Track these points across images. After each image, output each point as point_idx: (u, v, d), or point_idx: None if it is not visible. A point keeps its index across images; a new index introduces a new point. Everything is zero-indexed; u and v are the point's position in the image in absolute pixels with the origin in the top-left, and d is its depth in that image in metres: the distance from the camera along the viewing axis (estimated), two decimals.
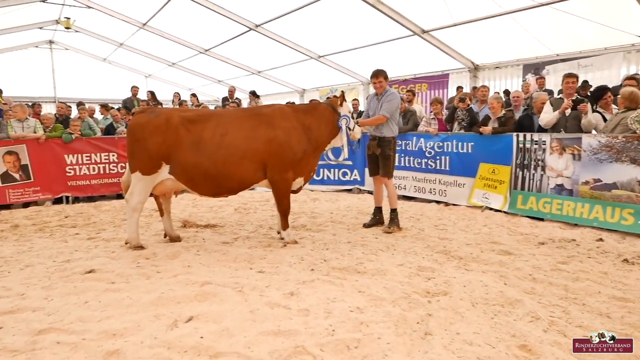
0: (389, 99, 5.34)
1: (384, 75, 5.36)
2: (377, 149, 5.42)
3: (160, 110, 4.68)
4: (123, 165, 7.98)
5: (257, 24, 12.75)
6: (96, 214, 6.66)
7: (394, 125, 5.45)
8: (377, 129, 5.42)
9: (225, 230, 5.53)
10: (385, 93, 5.39)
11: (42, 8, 14.41)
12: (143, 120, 4.45)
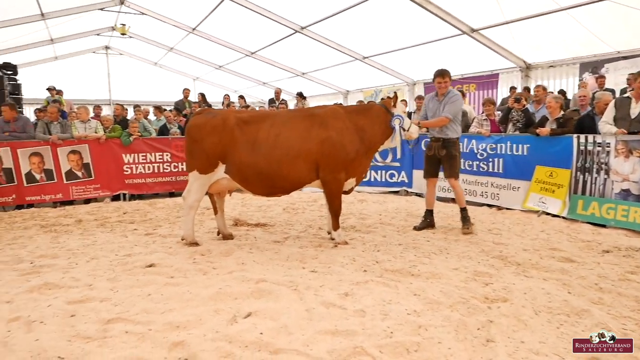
0: (452, 100, 5.24)
1: (450, 76, 5.26)
2: (442, 150, 5.33)
3: (217, 112, 4.81)
4: (176, 164, 8.29)
5: (302, 26, 12.87)
6: (152, 211, 6.94)
7: (457, 126, 5.35)
8: (442, 130, 5.32)
9: (275, 230, 5.61)
10: (447, 94, 5.28)
11: (99, 16, 15.22)
12: (201, 121, 4.60)
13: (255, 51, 15.94)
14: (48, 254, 4.52)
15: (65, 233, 5.53)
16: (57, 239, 5.23)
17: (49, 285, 3.60)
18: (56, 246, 4.88)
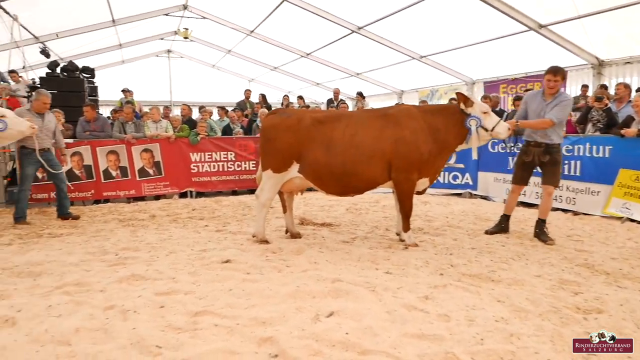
0: (563, 104, 4.76)
1: (563, 75, 4.78)
2: (545, 156, 4.87)
3: (291, 111, 4.88)
4: (239, 163, 8.50)
5: (359, 26, 12.83)
6: (218, 208, 7.15)
7: (561, 131, 4.93)
8: (546, 134, 4.85)
9: (341, 230, 5.60)
10: (558, 95, 4.82)
11: (163, 21, 15.96)
12: (276, 120, 4.67)
13: (310, 52, 16.08)
14: (130, 247, 4.76)
15: (142, 227, 5.81)
16: (135, 232, 5.50)
17: (135, 276, 3.78)
18: (136, 239, 5.13)
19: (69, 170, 7.40)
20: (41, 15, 12.11)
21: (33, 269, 4.01)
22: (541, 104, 4.90)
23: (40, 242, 5.03)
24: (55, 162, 6.24)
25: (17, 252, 4.60)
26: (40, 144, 6.02)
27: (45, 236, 5.34)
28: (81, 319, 2.93)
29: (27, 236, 5.32)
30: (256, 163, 8.64)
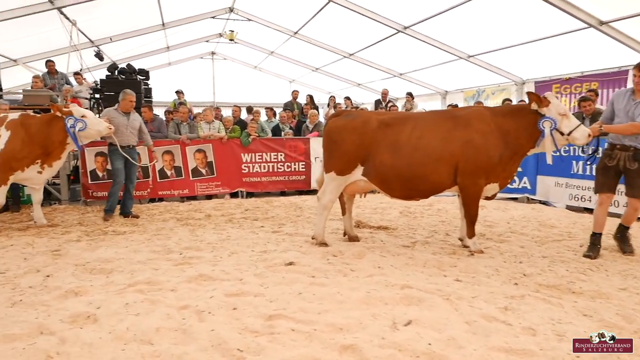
0: None
1: None
2: (633, 162, 4.39)
3: (357, 113, 4.81)
4: (289, 164, 8.52)
5: (406, 25, 12.63)
6: (271, 209, 7.18)
7: None
8: (636, 137, 4.38)
9: (399, 234, 5.47)
10: None
11: (209, 24, 16.30)
12: (341, 122, 4.62)
13: (353, 53, 16.00)
14: (192, 247, 4.83)
15: (200, 227, 5.89)
16: (194, 232, 5.58)
17: (203, 276, 3.81)
18: (196, 239, 5.20)
19: None
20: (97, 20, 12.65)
21: (104, 266, 4.12)
22: (629, 103, 4.40)
23: (106, 239, 5.19)
24: (136, 160, 6.54)
25: (87, 249, 4.76)
26: (126, 140, 6.29)
27: (110, 233, 5.51)
28: (159, 318, 2.96)
29: (93, 233, 5.51)
30: (306, 164, 8.65)
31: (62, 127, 5.52)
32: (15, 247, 4.85)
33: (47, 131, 5.52)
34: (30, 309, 3.16)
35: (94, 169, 7.56)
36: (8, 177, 5.46)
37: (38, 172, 5.64)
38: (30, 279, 3.79)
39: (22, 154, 5.45)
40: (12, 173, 5.47)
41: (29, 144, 5.46)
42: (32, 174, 5.61)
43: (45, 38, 12.56)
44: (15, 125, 5.49)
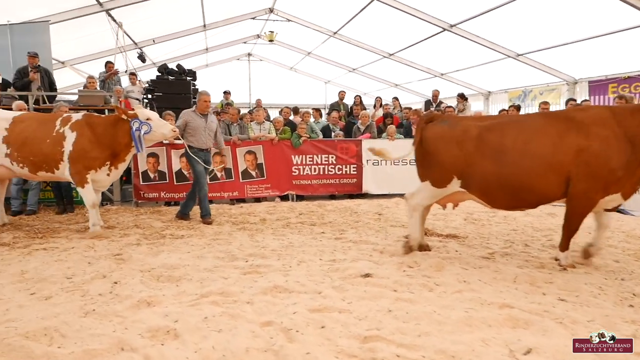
0: None
1: None
2: None
3: (454, 120, 4.47)
4: (340, 167, 8.23)
5: (452, 24, 12.19)
6: (325, 214, 6.90)
7: None
8: None
9: (472, 243, 5.08)
10: None
11: (247, 26, 16.28)
12: (439, 131, 4.29)
13: (393, 52, 15.65)
14: (256, 253, 4.59)
15: (257, 232, 5.66)
16: (253, 237, 5.35)
17: (278, 288, 3.55)
18: (257, 245, 4.96)
19: (177, 170, 7.55)
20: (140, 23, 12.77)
21: (171, 273, 3.92)
22: None
23: (166, 244, 5.02)
24: (209, 163, 6.39)
25: (149, 254, 4.59)
26: (203, 143, 6.17)
27: (168, 237, 5.34)
28: (245, 336, 2.71)
29: (152, 236, 5.36)
30: (357, 167, 8.33)
31: (127, 129, 5.39)
32: (76, 250, 4.73)
33: (113, 132, 5.41)
34: (104, 320, 2.97)
35: (146, 170, 7.47)
36: (86, 175, 5.35)
37: (107, 174, 5.53)
38: (98, 286, 3.63)
39: (94, 154, 5.34)
40: (88, 172, 5.36)
41: (97, 145, 5.36)
42: (103, 176, 5.51)
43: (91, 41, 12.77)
44: (80, 125, 5.39)
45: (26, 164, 5.38)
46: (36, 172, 5.43)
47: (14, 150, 5.35)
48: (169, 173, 7.55)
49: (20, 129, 5.38)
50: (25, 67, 7.67)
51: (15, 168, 5.42)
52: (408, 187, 8.24)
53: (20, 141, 5.33)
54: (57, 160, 5.34)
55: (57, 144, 5.31)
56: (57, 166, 5.37)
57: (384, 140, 8.41)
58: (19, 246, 4.87)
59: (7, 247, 4.87)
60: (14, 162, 5.39)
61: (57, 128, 5.38)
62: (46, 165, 5.37)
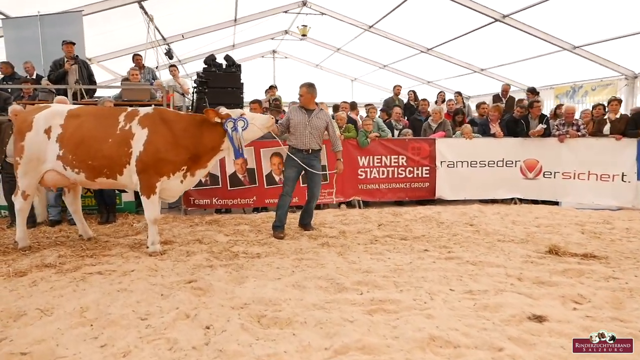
0: None
1: None
2: None
3: None
4: (411, 169, 7.24)
5: (505, 14, 11.22)
6: (407, 223, 5.90)
7: None
8: None
9: (622, 266, 4.07)
10: None
11: (275, 21, 15.49)
12: None
13: (432, 47, 14.74)
14: (365, 281, 3.62)
15: (344, 247, 4.68)
16: (345, 256, 4.39)
17: (435, 340, 2.58)
18: (357, 267, 3.99)
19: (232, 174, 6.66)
20: (170, 17, 12.07)
21: (276, 314, 2.98)
22: None
23: (245, 266, 4.08)
24: (317, 168, 5.40)
25: (231, 280, 3.66)
26: (303, 143, 5.25)
27: (241, 256, 4.41)
28: None
29: (222, 255, 4.42)
30: (430, 170, 7.32)
31: (217, 132, 4.50)
32: (138, 274, 3.83)
33: (197, 133, 4.50)
34: None
35: None
36: (156, 183, 4.44)
37: (180, 181, 4.61)
38: (186, 332, 2.71)
39: (169, 157, 4.42)
40: (160, 179, 4.44)
41: (173, 146, 4.43)
42: (175, 184, 4.58)
43: (119, 36, 12.11)
44: (152, 121, 4.46)
45: (83, 169, 4.41)
46: (95, 178, 4.49)
47: (69, 151, 4.38)
48: (222, 177, 6.63)
49: (76, 125, 4.41)
50: (62, 58, 6.82)
51: (69, 173, 4.46)
52: (487, 191, 7.49)
53: (77, 141, 4.37)
54: (122, 163, 4.40)
55: (122, 144, 4.37)
56: (120, 171, 4.43)
57: (459, 140, 7.43)
58: (68, 268, 3.99)
59: (54, 269, 3.98)
60: (67, 167, 4.43)
61: (121, 124, 4.44)
62: (108, 170, 4.43)
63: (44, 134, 4.41)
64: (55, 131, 4.43)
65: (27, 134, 4.41)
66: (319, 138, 5.36)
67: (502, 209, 6.87)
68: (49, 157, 4.43)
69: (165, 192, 4.58)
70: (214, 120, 4.48)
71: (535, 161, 7.32)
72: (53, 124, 4.44)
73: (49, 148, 4.41)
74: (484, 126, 7.65)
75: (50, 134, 4.41)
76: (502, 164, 7.37)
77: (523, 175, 7.39)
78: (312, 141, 5.29)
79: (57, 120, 4.46)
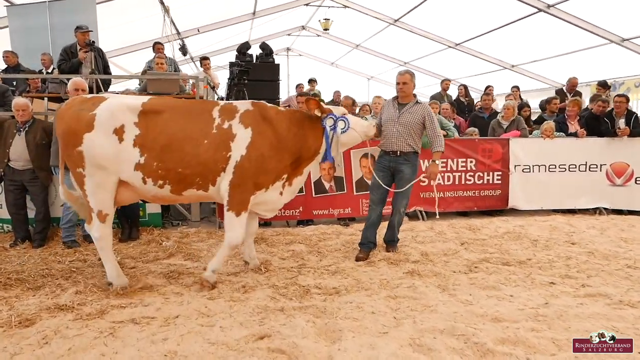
0: None
1: None
2: None
3: None
4: (481, 174, 6.19)
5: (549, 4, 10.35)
6: (495, 241, 4.80)
7: None
8: None
9: None
10: None
11: (292, 16, 14.62)
12: None
13: (460, 42, 13.90)
14: (512, 338, 2.53)
15: (441, 278, 3.62)
16: (450, 292, 3.31)
17: None
18: (482, 314, 2.91)
19: None
20: (187, 9, 11.21)
21: None
22: None
23: (328, 310, 2.98)
24: (406, 175, 4.38)
25: (321, 336, 2.60)
26: (390, 144, 4.33)
27: (315, 292, 3.32)
28: None
29: (289, 291, 3.35)
30: (502, 175, 6.27)
31: (320, 130, 3.69)
32: (187, 323, 2.79)
33: (301, 132, 3.62)
34: None
35: None
36: (250, 197, 3.52)
37: (280, 192, 3.69)
38: None
39: (273, 164, 3.49)
40: (255, 192, 3.53)
41: (278, 150, 3.50)
42: (274, 195, 3.67)
43: (132, 29, 11.29)
44: (255, 119, 3.52)
45: (170, 180, 3.39)
46: (182, 191, 3.46)
47: (153, 158, 3.32)
48: None
49: (160, 123, 3.37)
50: (73, 45, 5.82)
51: (150, 187, 3.40)
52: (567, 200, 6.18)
53: (163, 143, 3.33)
54: (217, 171, 3.41)
55: (220, 147, 3.40)
56: (214, 180, 3.44)
57: (536, 140, 6.38)
58: (90, 312, 2.95)
59: (71, 313, 2.96)
60: (148, 178, 3.36)
61: (217, 122, 3.45)
62: (201, 179, 3.43)
63: (113, 135, 3.28)
64: (130, 131, 3.31)
65: (86, 136, 3.26)
66: (410, 138, 4.33)
67: (592, 221, 5.81)
68: (123, 167, 3.32)
69: (262, 206, 3.69)
70: (315, 113, 3.68)
71: (625, 165, 6.27)
72: (126, 123, 3.32)
73: (123, 154, 3.30)
74: (561, 124, 6.62)
75: (123, 135, 3.30)
76: (585, 168, 6.31)
77: (610, 181, 6.34)
78: (399, 141, 4.29)
79: (129, 116, 3.34)
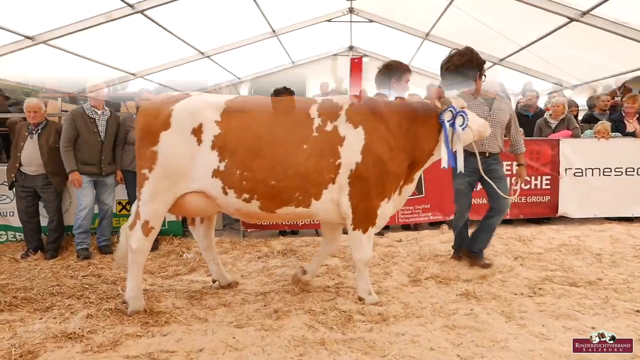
0: None
1: None
2: None
3: None
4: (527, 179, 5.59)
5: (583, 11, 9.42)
6: (555, 256, 4.24)
7: None
8: None
9: None
10: None
11: None
12: None
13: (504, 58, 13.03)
14: None
15: (501, 303, 3.11)
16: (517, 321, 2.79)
17: None
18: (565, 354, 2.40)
19: None
20: None
21: None
22: None
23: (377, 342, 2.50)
24: (498, 175, 3.95)
25: None
26: (481, 144, 3.85)
27: (357, 319, 2.85)
28: None
29: (328, 318, 2.88)
30: (551, 179, 5.72)
31: (436, 127, 3.16)
32: (213, 359, 2.37)
33: (414, 129, 3.11)
34: None
35: None
36: (377, 209, 3.06)
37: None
38: None
39: (392, 168, 3.01)
40: (379, 203, 3.05)
41: (395, 151, 3.03)
42: (389, 208, 3.19)
43: None
44: (365, 116, 3.05)
45: (259, 194, 2.91)
46: (277, 208, 2.97)
47: (236, 165, 2.87)
48: None
49: (246, 123, 2.93)
50: None
51: (233, 200, 2.92)
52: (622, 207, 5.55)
53: (250, 147, 2.88)
54: (322, 182, 2.93)
55: (325, 153, 2.93)
56: (318, 194, 2.95)
57: (589, 140, 5.79)
58: (102, 343, 2.55)
59: (79, 344, 2.56)
60: (230, 189, 2.90)
61: (317, 123, 2.97)
62: (301, 194, 2.93)
63: (191, 135, 2.92)
64: (209, 131, 2.91)
65: (163, 135, 2.92)
66: (500, 137, 3.97)
67: None
68: (199, 171, 2.92)
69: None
70: (435, 104, 3.18)
71: None
72: (205, 121, 2.92)
73: (200, 158, 2.91)
74: (617, 122, 6.01)
75: (201, 135, 2.91)
76: None
77: None
78: (491, 141, 3.88)
79: (210, 114, 2.94)
